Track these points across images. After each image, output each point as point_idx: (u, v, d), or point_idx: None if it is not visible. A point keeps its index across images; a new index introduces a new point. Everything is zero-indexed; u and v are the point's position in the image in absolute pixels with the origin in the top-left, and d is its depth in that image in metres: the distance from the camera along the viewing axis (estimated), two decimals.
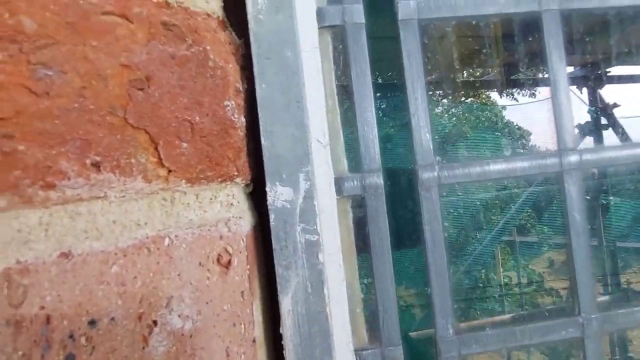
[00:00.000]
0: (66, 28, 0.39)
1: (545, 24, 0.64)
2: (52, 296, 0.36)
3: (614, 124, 5.68)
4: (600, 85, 5.58)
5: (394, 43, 0.64)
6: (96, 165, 0.39)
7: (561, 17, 0.65)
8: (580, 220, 0.62)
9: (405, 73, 0.61)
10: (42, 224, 0.37)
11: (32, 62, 0.37)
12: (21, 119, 0.36)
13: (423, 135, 0.61)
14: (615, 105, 5.67)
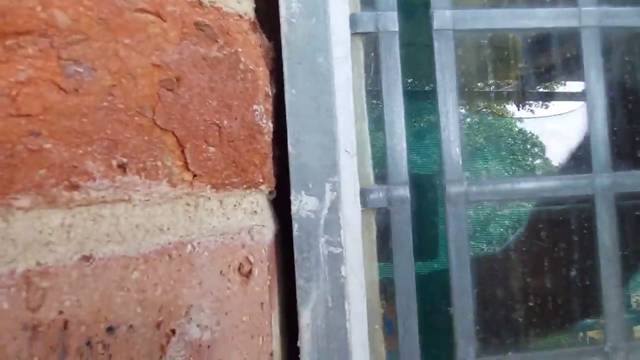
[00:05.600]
0: (99, 24, 0.38)
1: (584, 41, 0.62)
2: (71, 301, 0.35)
3: None
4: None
5: (426, 51, 0.63)
6: (122, 167, 0.38)
7: (601, 35, 0.63)
8: (611, 246, 0.60)
9: (437, 85, 0.60)
10: (64, 226, 0.35)
11: (62, 58, 0.35)
12: (49, 116, 0.34)
13: (453, 150, 0.59)
14: None
